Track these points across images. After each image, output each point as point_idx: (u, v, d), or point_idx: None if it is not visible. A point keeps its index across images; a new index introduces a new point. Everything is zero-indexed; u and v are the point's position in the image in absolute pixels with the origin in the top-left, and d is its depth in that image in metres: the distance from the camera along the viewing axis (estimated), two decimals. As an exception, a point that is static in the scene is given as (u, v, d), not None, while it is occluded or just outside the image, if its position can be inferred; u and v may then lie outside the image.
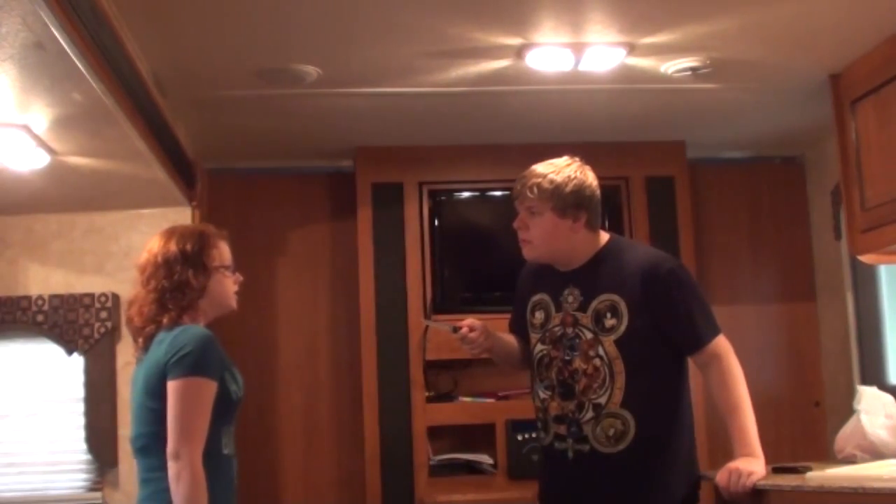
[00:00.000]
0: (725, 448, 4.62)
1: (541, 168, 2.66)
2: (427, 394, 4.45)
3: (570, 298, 2.65)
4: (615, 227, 4.52)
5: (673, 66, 3.63)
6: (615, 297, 2.59)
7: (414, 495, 4.34)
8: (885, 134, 3.53)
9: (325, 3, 3.04)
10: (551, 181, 2.61)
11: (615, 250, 2.68)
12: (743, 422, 2.56)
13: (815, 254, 4.92)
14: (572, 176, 2.63)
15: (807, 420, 4.82)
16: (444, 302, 4.48)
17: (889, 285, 4.37)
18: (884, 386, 3.88)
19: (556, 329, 2.66)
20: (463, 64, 3.57)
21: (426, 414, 4.42)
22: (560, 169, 2.64)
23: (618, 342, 2.56)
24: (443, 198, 4.58)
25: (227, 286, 2.50)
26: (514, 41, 3.36)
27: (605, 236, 2.72)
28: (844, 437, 3.63)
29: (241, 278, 2.55)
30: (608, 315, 2.58)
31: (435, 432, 4.47)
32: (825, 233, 4.78)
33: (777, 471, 3.46)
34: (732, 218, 4.97)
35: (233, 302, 2.53)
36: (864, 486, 2.96)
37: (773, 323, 4.93)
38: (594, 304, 2.61)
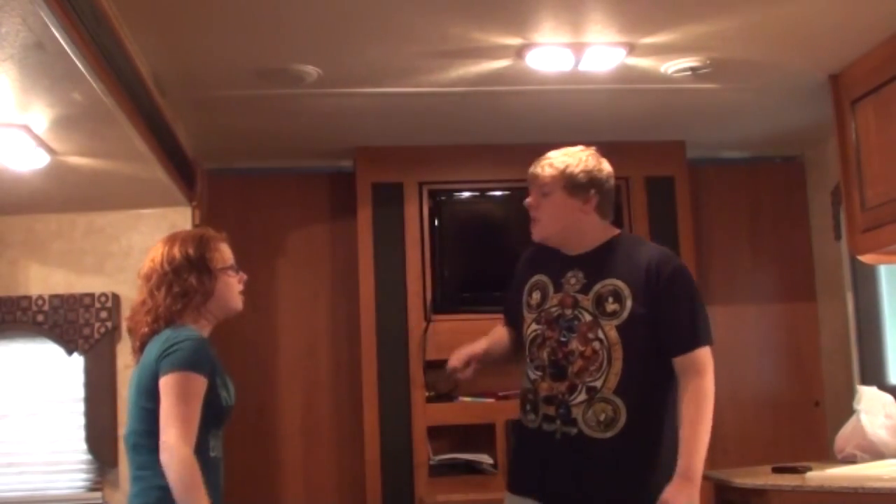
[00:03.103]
0: (725, 448, 4.66)
1: (555, 152, 2.73)
2: (427, 394, 4.44)
3: (573, 280, 2.66)
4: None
5: (673, 66, 3.63)
6: (619, 283, 2.60)
7: (414, 495, 4.35)
8: (885, 134, 3.53)
9: (325, 3, 3.04)
10: (564, 162, 2.67)
11: (625, 242, 2.72)
12: (697, 441, 2.52)
13: (815, 254, 4.92)
14: (584, 159, 2.69)
15: (807, 420, 4.81)
16: (444, 302, 4.49)
17: (889, 285, 4.37)
18: (884, 386, 3.88)
19: (554, 310, 2.66)
20: (463, 64, 3.57)
21: (426, 414, 4.42)
22: (574, 153, 2.71)
23: (619, 328, 2.56)
24: (443, 198, 4.58)
25: (233, 287, 2.52)
26: (514, 41, 3.36)
27: (615, 230, 2.75)
28: (844, 437, 3.64)
29: (245, 277, 2.56)
30: (610, 299, 2.59)
31: (435, 432, 4.46)
32: (825, 233, 4.78)
33: (777, 471, 3.47)
34: (732, 218, 4.97)
35: (239, 303, 2.54)
36: (864, 486, 2.97)
37: (773, 323, 4.93)
38: (597, 287, 2.62)
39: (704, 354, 2.59)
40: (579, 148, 2.73)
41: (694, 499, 2.50)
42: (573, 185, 2.65)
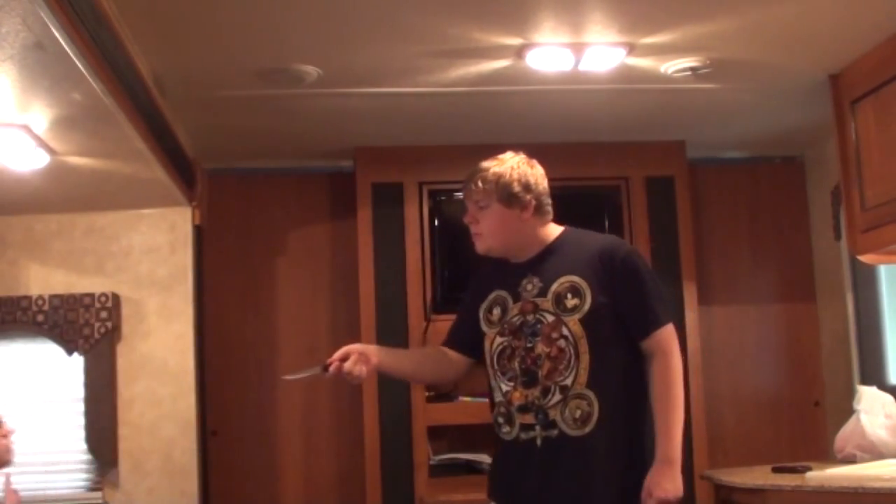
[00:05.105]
0: (725, 448, 4.66)
1: (485, 163, 2.73)
2: (427, 394, 4.44)
3: (529, 286, 2.67)
4: (615, 228, 4.53)
5: (673, 66, 3.63)
6: (575, 279, 2.61)
7: (414, 495, 4.34)
8: (885, 134, 3.53)
9: (325, 3, 3.04)
10: (494, 173, 2.68)
11: (570, 239, 2.72)
12: (671, 423, 2.54)
13: (815, 254, 4.92)
14: (515, 166, 2.69)
15: (807, 420, 4.82)
16: (444, 302, 4.48)
17: (889, 285, 4.37)
18: (884, 386, 3.88)
19: (515, 319, 2.66)
20: (463, 64, 3.57)
21: (426, 414, 4.42)
22: (503, 161, 2.71)
23: (582, 320, 2.57)
24: (443, 198, 4.57)
25: None
26: (514, 41, 3.37)
27: (558, 228, 2.75)
28: (844, 437, 3.64)
29: (7, 432, 2.72)
30: (569, 296, 2.60)
31: (435, 432, 4.46)
32: (825, 233, 4.78)
33: (777, 471, 3.47)
34: (732, 218, 4.97)
35: None
36: (864, 486, 2.97)
37: (773, 323, 4.93)
38: (554, 287, 2.62)
39: (667, 333, 2.60)
40: (509, 155, 2.73)
41: (676, 481, 2.50)
42: (508, 196, 2.66)
